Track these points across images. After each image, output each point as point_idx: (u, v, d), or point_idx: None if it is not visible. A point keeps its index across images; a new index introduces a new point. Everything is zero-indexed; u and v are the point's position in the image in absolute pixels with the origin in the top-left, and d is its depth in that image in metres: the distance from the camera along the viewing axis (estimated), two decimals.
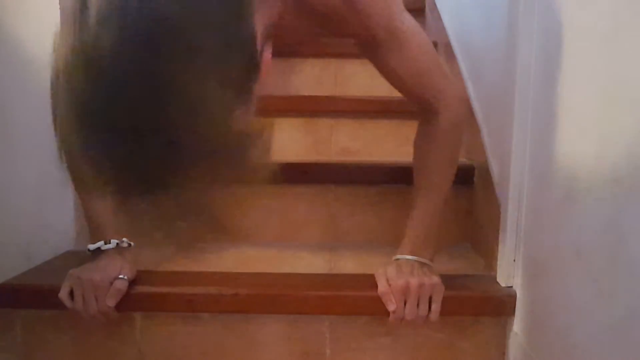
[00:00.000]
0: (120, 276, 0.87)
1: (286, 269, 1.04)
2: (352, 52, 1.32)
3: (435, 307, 0.84)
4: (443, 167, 0.89)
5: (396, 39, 0.81)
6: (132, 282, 0.90)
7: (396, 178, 1.18)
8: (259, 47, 0.53)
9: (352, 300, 0.91)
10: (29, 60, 1.06)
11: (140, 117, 0.44)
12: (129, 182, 0.47)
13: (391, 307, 0.84)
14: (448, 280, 0.87)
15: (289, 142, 1.41)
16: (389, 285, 0.85)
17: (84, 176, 0.86)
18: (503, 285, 0.93)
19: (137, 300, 0.89)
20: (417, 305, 0.84)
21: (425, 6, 1.87)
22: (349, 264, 1.04)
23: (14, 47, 1.04)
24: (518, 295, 0.90)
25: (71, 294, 0.86)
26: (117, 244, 0.90)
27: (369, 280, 0.89)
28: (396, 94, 1.76)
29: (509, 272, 0.92)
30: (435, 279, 0.85)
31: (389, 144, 1.36)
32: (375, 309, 0.86)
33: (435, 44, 1.67)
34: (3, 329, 0.95)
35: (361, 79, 1.41)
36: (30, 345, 0.96)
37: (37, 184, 1.07)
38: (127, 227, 0.89)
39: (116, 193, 0.52)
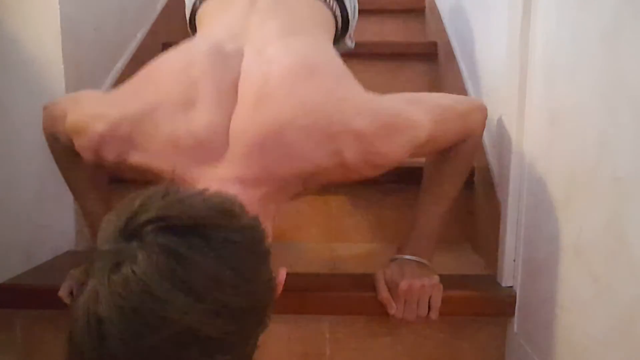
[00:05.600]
0: None
1: (286, 269, 1.03)
2: (351, 52, 1.31)
3: (435, 306, 0.84)
4: (458, 178, 0.89)
5: (420, 146, 0.76)
6: None
7: (396, 178, 1.18)
8: (274, 277, 0.57)
9: (352, 300, 0.91)
10: (29, 60, 1.06)
11: None
12: None
13: (392, 311, 0.85)
14: (448, 280, 0.87)
15: None
16: (391, 286, 0.85)
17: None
18: (503, 285, 0.93)
19: None
20: (417, 305, 0.84)
21: (425, 6, 1.87)
22: (349, 264, 1.04)
23: (14, 47, 1.04)
24: (518, 295, 0.90)
25: (72, 293, 0.86)
26: None
27: (369, 280, 0.88)
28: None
29: (509, 272, 0.92)
30: (435, 280, 0.85)
31: None
32: (375, 309, 0.86)
33: (435, 44, 1.68)
34: (3, 329, 0.95)
35: (361, 79, 1.40)
36: (30, 345, 0.96)
37: (37, 184, 1.07)
38: None
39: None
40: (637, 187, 0.57)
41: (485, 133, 1.09)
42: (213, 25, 0.92)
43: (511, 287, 0.92)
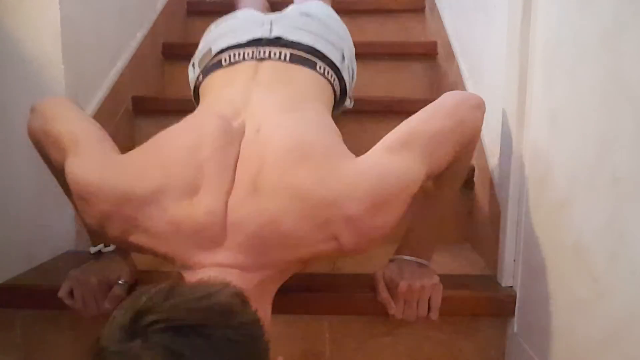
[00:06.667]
0: (120, 282, 0.87)
1: None
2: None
3: (435, 306, 0.84)
4: (456, 177, 0.88)
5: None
6: (133, 283, 0.90)
7: None
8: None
9: (352, 300, 0.91)
10: (29, 60, 1.06)
11: None
12: None
13: (391, 311, 0.85)
14: (448, 280, 0.87)
15: None
16: (391, 286, 0.85)
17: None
18: (503, 285, 0.93)
19: None
20: (417, 305, 0.84)
21: (425, 6, 1.87)
22: (349, 264, 1.04)
23: (14, 47, 1.04)
24: (518, 295, 0.90)
25: (71, 293, 0.86)
26: None
27: (369, 280, 0.89)
28: (396, 93, 1.76)
29: (509, 272, 0.92)
30: (435, 280, 0.85)
31: None
32: (375, 309, 0.86)
33: (435, 44, 1.68)
34: (3, 329, 0.95)
35: (361, 79, 1.41)
36: (30, 345, 0.96)
37: (37, 185, 1.07)
38: None
39: None
40: (637, 187, 0.57)
41: (485, 133, 1.09)
42: (217, 98, 0.93)
43: (511, 287, 0.92)
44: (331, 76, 1.05)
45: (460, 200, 1.19)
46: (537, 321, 0.82)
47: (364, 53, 1.36)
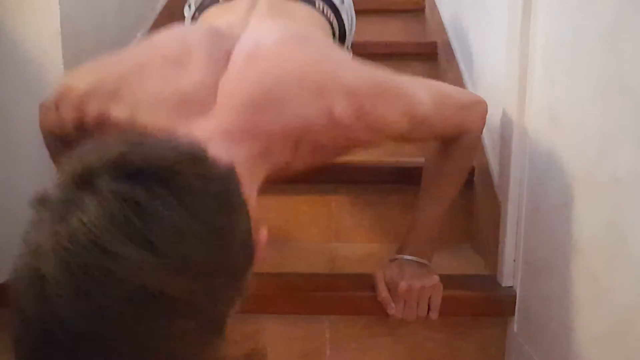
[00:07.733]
0: None
1: (286, 268, 1.04)
2: (352, 52, 1.31)
3: (435, 306, 0.84)
4: (457, 177, 0.89)
5: (418, 122, 0.75)
6: None
7: (396, 178, 1.18)
8: (254, 235, 0.51)
9: (352, 300, 0.91)
10: (29, 60, 1.07)
11: None
12: None
13: (391, 311, 0.85)
14: (448, 280, 0.87)
15: None
16: (391, 286, 0.85)
17: None
18: (503, 285, 0.93)
19: None
20: (417, 305, 0.84)
21: (425, 6, 1.87)
22: (349, 264, 1.04)
23: (14, 47, 1.04)
24: (518, 295, 0.90)
25: None
26: None
27: (369, 280, 0.88)
28: None
29: (509, 272, 0.92)
30: (435, 280, 0.85)
31: (389, 144, 1.36)
32: (375, 309, 0.86)
33: (435, 44, 1.68)
34: (3, 329, 0.95)
35: None
36: None
37: (37, 184, 1.07)
38: None
39: None
40: (637, 187, 0.57)
41: (485, 133, 1.09)
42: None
43: (511, 287, 0.92)
44: (330, 15, 1.03)
45: (460, 200, 1.19)
46: (537, 321, 0.82)
47: (364, 53, 1.36)
